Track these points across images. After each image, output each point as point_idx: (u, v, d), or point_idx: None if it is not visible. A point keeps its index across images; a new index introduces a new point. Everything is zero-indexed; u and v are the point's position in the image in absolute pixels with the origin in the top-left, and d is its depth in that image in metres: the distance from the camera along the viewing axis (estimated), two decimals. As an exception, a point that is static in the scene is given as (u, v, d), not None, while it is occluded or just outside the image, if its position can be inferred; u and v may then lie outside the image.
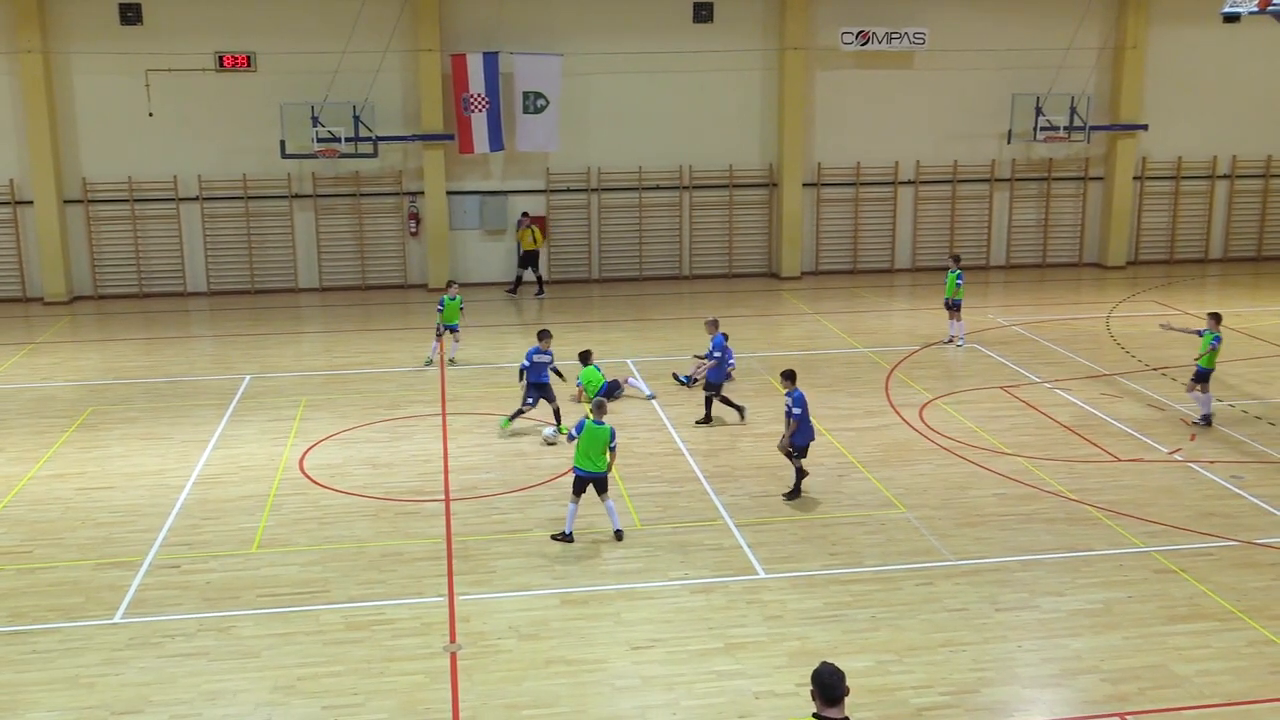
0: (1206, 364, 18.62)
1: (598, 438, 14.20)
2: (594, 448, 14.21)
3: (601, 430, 14.22)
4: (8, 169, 28.50)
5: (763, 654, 11.69)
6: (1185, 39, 31.86)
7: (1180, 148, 32.65)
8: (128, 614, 12.73)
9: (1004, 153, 31.94)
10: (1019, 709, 10.86)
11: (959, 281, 23.65)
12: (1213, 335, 18.63)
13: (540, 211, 30.46)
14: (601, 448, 14.22)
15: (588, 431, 14.21)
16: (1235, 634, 12.11)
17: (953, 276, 23.72)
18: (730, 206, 31.26)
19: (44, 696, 11.11)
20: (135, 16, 28.20)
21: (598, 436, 14.20)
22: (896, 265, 32.21)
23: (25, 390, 21.42)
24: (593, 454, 14.23)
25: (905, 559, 13.96)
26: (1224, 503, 15.61)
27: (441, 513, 15.49)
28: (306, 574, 13.68)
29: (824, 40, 30.41)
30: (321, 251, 29.91)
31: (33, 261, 28.98)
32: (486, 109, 28.73)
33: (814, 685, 7.33)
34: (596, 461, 14.25)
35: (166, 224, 29.36)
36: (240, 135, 29.00)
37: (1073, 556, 13.96)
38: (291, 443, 18.27)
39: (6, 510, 15.72)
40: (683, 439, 18.32)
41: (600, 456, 14.25)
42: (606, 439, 14.21)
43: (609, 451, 14.28)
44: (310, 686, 11.25)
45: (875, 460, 17.31)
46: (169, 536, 14.79)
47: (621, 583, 13.37)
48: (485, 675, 11.43)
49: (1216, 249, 33.54)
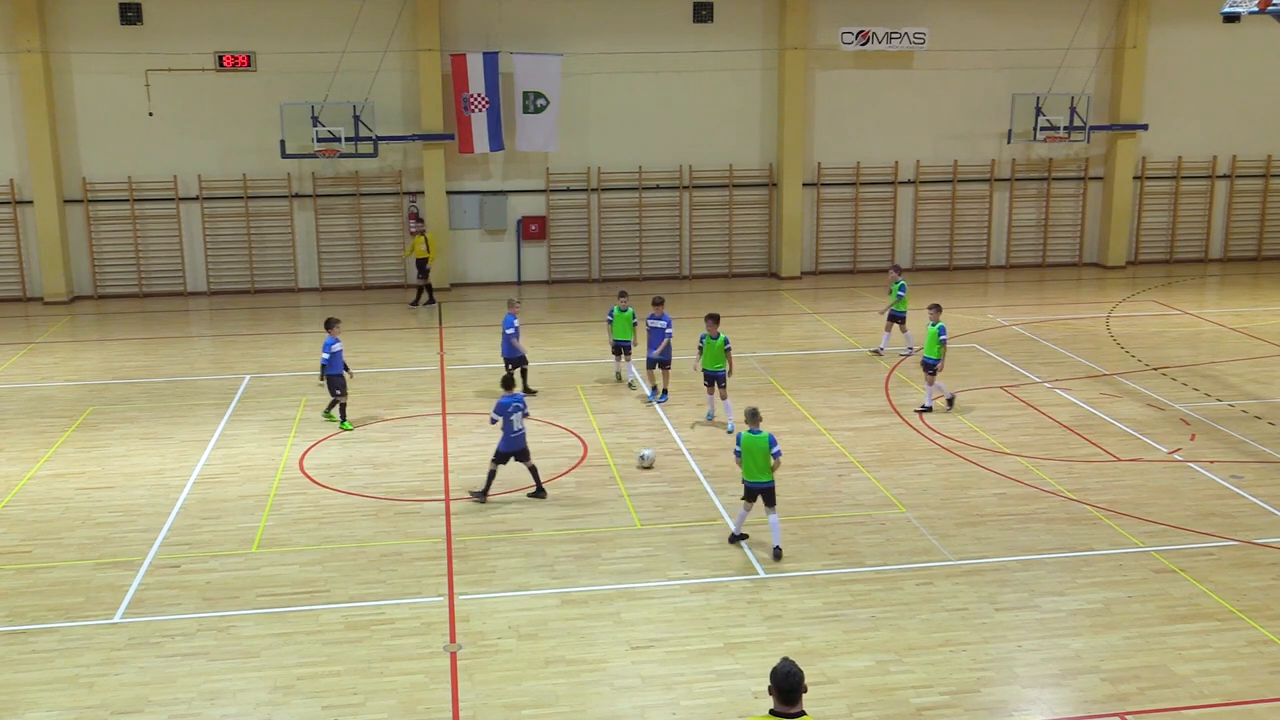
0: (932, 354, 19.10)
1: (757, 447, 13.69)
2: (755, 458, 13.71)
3: (759, 439, 13.68)
4: (8, 169, 28.51)
5: (762, 654, 11.69)
6: (1185, 39, 31.86)
7: (1180, 147, 32.65)
8: (127, 614, 12.73)
9: (1004, 152, 31.94)
10: (1019, 709, 10.86)
11: (901, 293, 22.98)
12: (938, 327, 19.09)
13: (541, 211, 30.48)
14: (763, 457, 13.66)
15: (745, 442, 13.72)
16: (1235, 634, 12.11)
17: (895, 287, 23.12)
18: (730, 206, 31.27)
19: (43, 696, 11.11)
20: (135, 16, 28.20)
21: (756, 446, 13.69)
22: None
23: (25, 390, 21.42)
24: (756, 465, 13.73)
25: (905, 559, 13.96)
26: (1224, 502, 15.61)
27: (441, 512, 15.50)
28: (306, 574, 13.68)
29: (824, 40, 30.41)
30: (321, 251, 29.91)
31: (33, 261, 28.98)
32: (486, 109, 28.74)
33: (771, 682, 7.33)
34: (762, 471, 13.74)
35: (166, 224, 29.36)
36: (240, 135, 29.00)
37: (1072, 556, 13.96)
38: (291, 442, 18.27)
39: (6, 510, 15.71)
40: (683, 439, 18.31)
41: (765, 467, 13.70)
42: (766, 447, 13.64)
43: (773, 459, 13.67)
44: (310, 686, 11.25)
45: (875, 460, 17.31)
46: (169, 536, 14.79)
47: (621, 582, 13.37)
48: (485, 675, 11.43)
49: (1216, 249, 33.54)
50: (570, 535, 14.72)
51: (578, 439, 18.36)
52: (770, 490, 13.87)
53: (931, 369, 19.23)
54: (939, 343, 19.02)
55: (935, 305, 19.70)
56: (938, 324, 19.15)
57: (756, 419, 13.86)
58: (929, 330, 19.24)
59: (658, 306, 20.29)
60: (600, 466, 17.16)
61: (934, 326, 19.14)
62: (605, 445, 18.03)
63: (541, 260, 30.89)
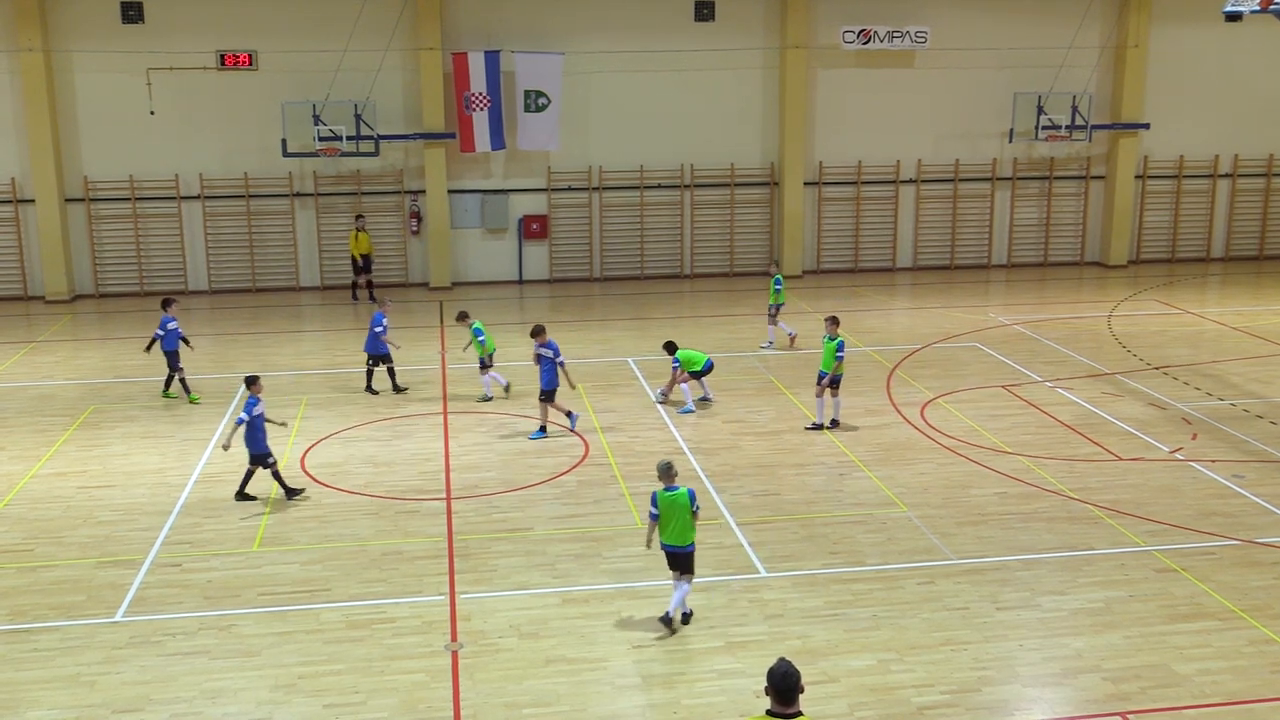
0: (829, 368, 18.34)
1: (677, 505, 12.15)
2: (677, 517, 12.14)
3: (677, 496, 12.14)
4: (9, 167, 28.52)
5: (763, 653, 11.67)
6: (1187, 38, 31.83)
7: (1182, 147, 32.63)
8: (128, 612, 12.74)
9: (1005, 152, 31.92)
10: (1020, 708, 10.86)
11: (778, 287, 23.44)
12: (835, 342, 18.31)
13: (542, 210, 30.47)
14: (686, 515, 12.13)
15: (662, 501, 12.16)
16: (1236, 633, 12.10)
17: (773, 282, 23.57)
18: (731, 205, 31.25)
19: (45, 694, 11.11)
20: (137, 15, 28.20)
21: (676, 504, 12.14)
22: (898, 264, 32.20)
23: (26, 389, 21.43)
24: (678, 526, 12.14)
25: (906, 558, 13.96)
26: (1225, 502, 15.60)
27: (442, 511, 15.49)
28: (307, 572, 13.68)
29: (825, 39, 30.40)
30: (323, 250, 29.91)
31: (34, 260, 28.99)
32: (488, 108, 28.73)
33: (768, 683, 7.32)
34: (686, 531, 12.17)
35: (168, 222, 29.37)
36: (241, 134, 29.01)
37: (1074, 555, 13.95)
38: (293, 441, 18.27)
39: (8, 509, 15.72)
40: (684, 438, 18.31)
41: (688, 526, 12.16)
42: (687, 504, 12.13)
43: (693, 515, 12.19)
44: (311, 685, 11.25)
45: (876, 459, 17.30)
46: (170, 535, 14.79)
47: (622, 581, 13.37)
48: (486, 674, 11.43)
49: (1218, 248, 33.52)
50: (571, 534, 14.71)
51: (579, 438, 18.35)
52: (691, 556, 12.28)
53: (822, 380, 18.46)
54: (835, 358, 18.21)
55: (833, 318, 18.87)
56: (836, 339, 18.35)
57: (671, 474, 12.20)
58: (826, 344, 18.45)
59: (540, 335, 18.44)
60: (601, 465, 17.16)
61: (832, 341, 18.34)
62: (606, 444, 18.02)
63: (543, 259, 30.88)
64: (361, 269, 28.76)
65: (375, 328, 20.65)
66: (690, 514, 12.13)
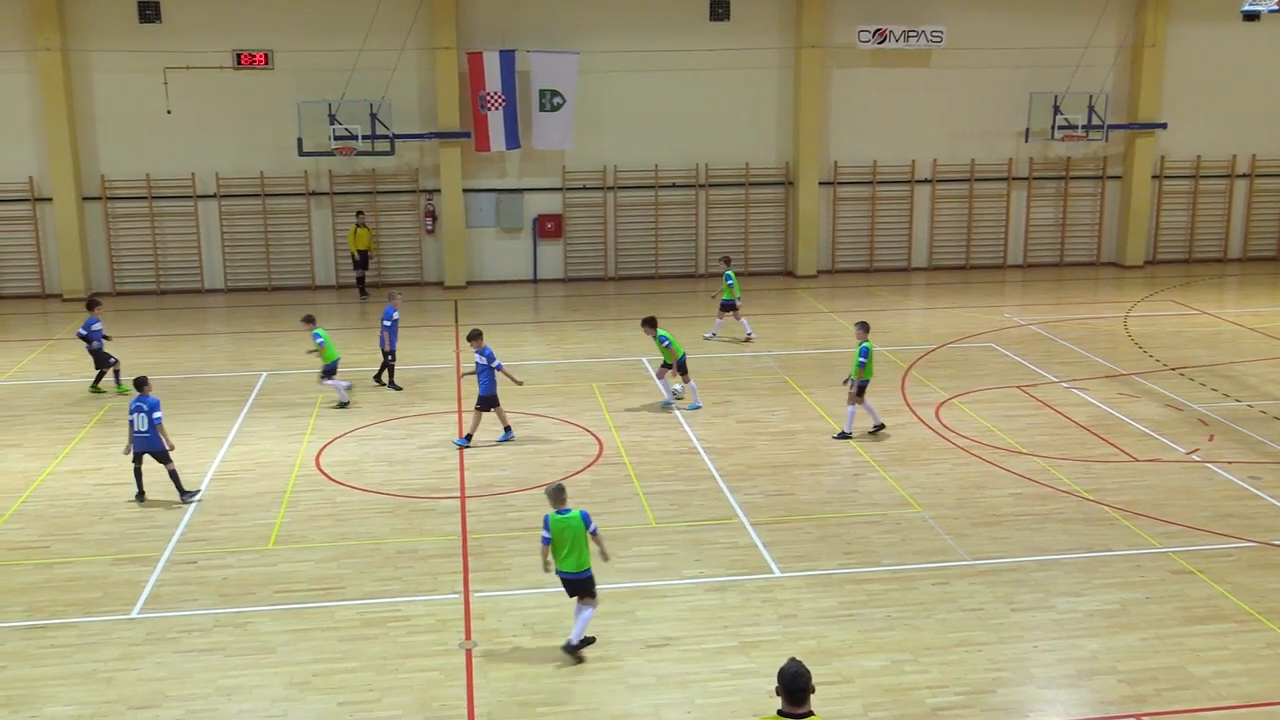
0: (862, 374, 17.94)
1: (569, 528, 11.49)
2: (571, 541, 11.49)
3: (569, 519, 11.50)
4: (27, 166, 28.67)
5: (777, 653, 11.65)
6: (1204, 37, 31.68)
7: (1199, 146, 32.48)
8: (145, 609, 12.79)
9: (1021, 151, 31.82)
10: (1035, 709, 10.82)
11: (730, 283, 23.91)
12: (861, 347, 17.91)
13: (557, 210, 30.50)
14: (581, 538, 11.52)
15: (554, 525, 11.49)
16: (1253, 635, 12.04)
17: (724, 278, 24.02)
18: (746, 205, 31.23)
19: (62, 690, 11.16)
20: (154, 14, 28.32)
21: (569, 527, 11.48)
22: (913, 264, 32.13)
23: (43, 386, 21.54)
24: (573, 550, 11.51)
25: (921, 558, 13.92)
26: (1242, 503, 15.52)
27: (457, 510, 15.52)
28: (322, 570, 13.72)
29: (841, 38, 30.34)
30: (338, 249, 29.98)
31: (51, 258, 29.14)
32: (503, 107, 28.77)
33: (779, 683, 7.32)
34: (581, 557, 11.57)
35: (184, 221, 29.49)
36: (257, 133, 29.11)
37: (1089, 557, 13.90)
38: (308, 439, 18.33)
39: (25, 505, 15.81)
40: (699, 437, 18.30)
41: (583, 549, 11.55)
42: (581, 527, 11.51)
43: (592, 538, 11.63)
44: (325, 683, 11.28)
45: (891, 459, 17.27)
46: (186, 532, 14.85)
47: (636, 581, 13.37)
48: (500, 672, 11.44)
49: (1235, 248, 33.35)
50: (585, 533, 14.71)
51: (593, 437, 18.37)
52: (589, 580, 11.66)
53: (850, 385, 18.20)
54: (858, 364, 17.86)
55: (861, 324, 18.34)
56: (863, 343, 17.94)
57: (561, 496, 11.57)
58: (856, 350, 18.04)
59: (476, 341, 18.22)
60: (616, 464, 17.17)
61: (858, 345, 17.95)
62: (621, 443, 18.03)
63: (557, 259, 30.91)
64: (359, 264, 28.91)
65: (385, 321, 20.74)
66: (586, 537, 11.52)
